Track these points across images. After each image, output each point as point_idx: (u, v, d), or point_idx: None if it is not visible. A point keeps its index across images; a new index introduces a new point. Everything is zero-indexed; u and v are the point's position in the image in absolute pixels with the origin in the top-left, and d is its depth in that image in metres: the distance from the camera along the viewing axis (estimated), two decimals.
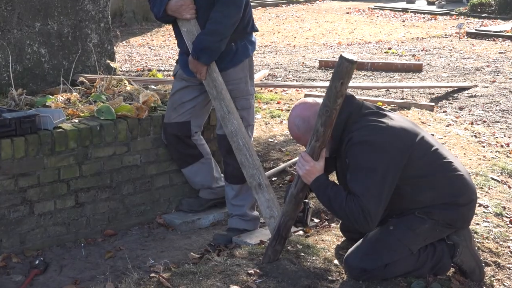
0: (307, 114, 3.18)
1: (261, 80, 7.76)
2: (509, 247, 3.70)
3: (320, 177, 3.14)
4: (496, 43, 11.21)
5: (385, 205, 3.05)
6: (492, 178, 4.64)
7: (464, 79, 8.38)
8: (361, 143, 3.07)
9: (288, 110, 6.65)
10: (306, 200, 3.35)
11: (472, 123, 6.17)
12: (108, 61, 4.91)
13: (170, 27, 13.21)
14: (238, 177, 3.87)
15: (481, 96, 7.40)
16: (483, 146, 5.37)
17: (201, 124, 4.13)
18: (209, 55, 3.69)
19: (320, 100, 3.10)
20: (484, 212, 4.01)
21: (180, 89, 3.97)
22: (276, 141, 5.42)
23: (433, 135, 4.88)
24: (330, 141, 3.15)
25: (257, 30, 3.99)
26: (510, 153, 5.36)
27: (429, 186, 3.17)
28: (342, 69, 2.95)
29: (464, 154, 5.01)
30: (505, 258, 3.58)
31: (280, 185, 4.67)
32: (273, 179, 4.68)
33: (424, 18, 15.05)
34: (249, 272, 3.20)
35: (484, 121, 6.35)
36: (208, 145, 4.23)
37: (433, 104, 6.83)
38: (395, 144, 3.08)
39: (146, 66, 9.22)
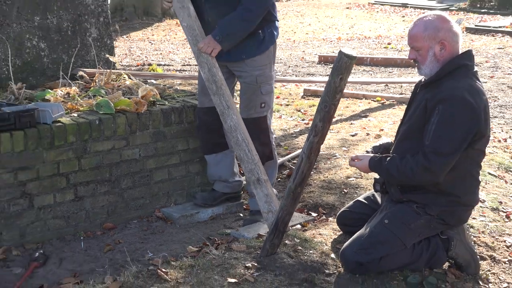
0: (442, 26, 3.17)
1: None
2: (505, 241, 3.72)
3: (370, 161, 3.30)
4: (495, 39, 11.21)
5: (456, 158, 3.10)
6: (489, 173, 4.66)
7: None
8: (462, 100, 3.07)
9: (288, 105, 6.67)
10: None
11: None
12: (107, 55, 4.92)
13: (171, 21, 13.17)
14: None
15: None
16: None
17: None
18: (233, 42, 3.73)
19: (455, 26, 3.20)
20: (481, 206, 4.02)
21: None
22: (275, 136, 5.42)
23: None
24: (438, 67, 3.18)
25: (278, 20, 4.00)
26: (507, 148, 5.37)
27: (463, 169, 3.19)
28: (341, 64, 2.95)
29: None
30: (501, 252, 3.60)
31: (279, 179, 4.68)
32: None
33: (424, 13, 15.03)
34: (247, 265, 3.22)
35: None
36: None
37: None
38: (484, 117, 3.12)
39: (146, 60, 9.23)
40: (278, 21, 4.00)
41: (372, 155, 3.36)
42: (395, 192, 3.29)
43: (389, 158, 3.25)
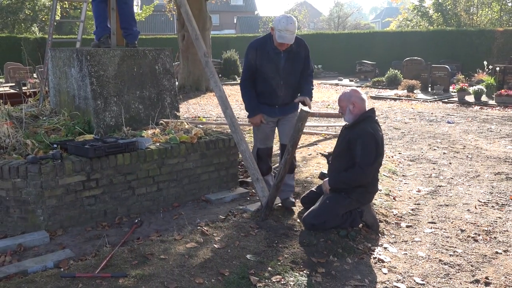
0: (353, 94, 3.16)
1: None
2: (392, 212, 3.70)
3: (328, 181, 3.21)
4: (386, 102, 11.22)
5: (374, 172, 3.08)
6: (384, 174, 4.65)
7: None
8: (370, 134, 3.05)
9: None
10: None
11: None
12: (175, 112, 4.94)
13: (210, 93, 13.14)
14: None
15: None
16: None
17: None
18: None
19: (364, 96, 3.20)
20: (379, 193, 4.01)
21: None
22: None
23: None
24: (354, 117, 3.12)
25: None
26: (393, 161, 5.36)
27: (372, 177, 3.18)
28: (302, 115, 2.98)
29: None
30: (390, 218, 3.58)
31: None
32: None
33: (346, 88, 15.01)
34: (251, 226, 3.21)
35: None
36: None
37: None
38: (381, 143, 3.11)
39: (197, 114, 9.25)
40: None
41: (327, 179, 3.25)
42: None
43: (339, 174, 3.17)
